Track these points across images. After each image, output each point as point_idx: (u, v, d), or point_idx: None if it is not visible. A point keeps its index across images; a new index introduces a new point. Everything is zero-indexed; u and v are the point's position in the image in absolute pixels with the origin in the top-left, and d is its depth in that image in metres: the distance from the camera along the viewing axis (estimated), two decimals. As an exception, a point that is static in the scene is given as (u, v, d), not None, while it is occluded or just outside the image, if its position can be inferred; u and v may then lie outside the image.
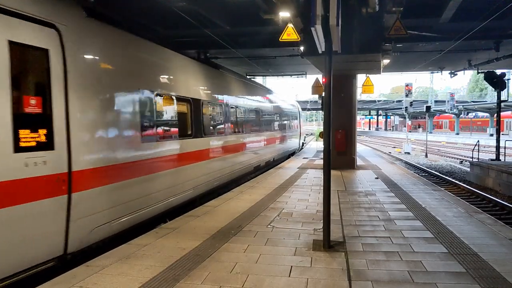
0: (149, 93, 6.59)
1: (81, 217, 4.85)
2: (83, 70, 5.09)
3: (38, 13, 4.40)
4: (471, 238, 5.29)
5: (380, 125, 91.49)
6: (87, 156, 5.02)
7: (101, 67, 5.54)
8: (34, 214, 4.18)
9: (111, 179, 5.48)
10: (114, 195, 5.54)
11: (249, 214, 6.75)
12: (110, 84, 5.64)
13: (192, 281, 3.93)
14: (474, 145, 19.19)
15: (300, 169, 13.54)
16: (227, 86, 11.72)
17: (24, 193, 4.07)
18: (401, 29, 9.30)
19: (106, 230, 5.41)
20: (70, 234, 4.67)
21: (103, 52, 5.60)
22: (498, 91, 17.29)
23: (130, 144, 6.00)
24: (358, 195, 8.55)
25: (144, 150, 6.35)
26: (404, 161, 23.21)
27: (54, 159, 4.46)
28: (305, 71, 23.99)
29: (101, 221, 5.27)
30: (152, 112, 6.65)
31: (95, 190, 5.12)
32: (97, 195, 5.17)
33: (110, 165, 5.45)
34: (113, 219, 5.55)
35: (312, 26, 4.51)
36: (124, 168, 5.80)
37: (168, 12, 10.98)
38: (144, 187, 6.34)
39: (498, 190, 13.29)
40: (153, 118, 6.67)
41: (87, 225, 4.98)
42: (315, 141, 34.01)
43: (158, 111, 6.92)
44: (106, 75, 5.61)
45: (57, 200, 4.49)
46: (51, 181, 4.39)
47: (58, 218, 4.52)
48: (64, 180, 4.58)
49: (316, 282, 3.89)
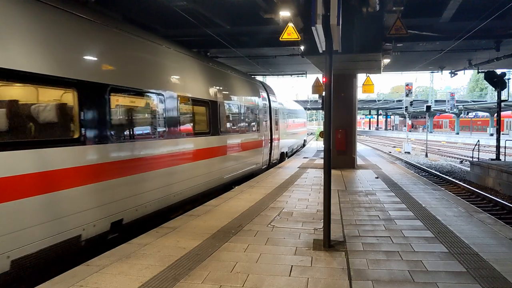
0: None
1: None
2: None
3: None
4: (472, 238, 5.29)
5: (380, 124, 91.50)
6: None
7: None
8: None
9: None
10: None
11: (250, 214, 6.75)
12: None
13: (192, 280, 3.93)
14: (474, 145, 19.20)
15: (300, 168, 13.53)
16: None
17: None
18: (402, 29, 9.29)
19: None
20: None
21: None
22: (498, 90, 17.29)
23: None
24: (358, 195, 8.54)
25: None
26: (404, 160, 23.22)
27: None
28: (306, 71, 23.98)
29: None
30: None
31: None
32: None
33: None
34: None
35: (313, 25, 4.50)
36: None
37: (168, 12, 10.98)
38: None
39: (498, 189, 13.30)
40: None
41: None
42: (315, 140, 34.01)
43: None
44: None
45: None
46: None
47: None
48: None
49: (317, 282, 3.89)
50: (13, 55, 4.16)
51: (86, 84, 5.15)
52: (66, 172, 4.78)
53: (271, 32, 12.71)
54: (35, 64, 4.41)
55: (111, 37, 6.04)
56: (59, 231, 4.68)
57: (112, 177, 5.64)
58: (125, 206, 5.96)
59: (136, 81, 6.44)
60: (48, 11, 4.79)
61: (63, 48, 4.91)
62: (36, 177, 4.36)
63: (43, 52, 4.55)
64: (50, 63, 4.62)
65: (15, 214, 4.09)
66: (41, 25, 4.62)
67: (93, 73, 5.38)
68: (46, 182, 4.49)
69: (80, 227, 5.02)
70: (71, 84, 4.92)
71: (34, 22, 4.53)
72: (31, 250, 4.31)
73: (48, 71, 4.58)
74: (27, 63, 4.31)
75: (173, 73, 7.95)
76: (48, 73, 4.58)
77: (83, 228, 5.07)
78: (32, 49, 4.41)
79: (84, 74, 5.17)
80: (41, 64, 4.49)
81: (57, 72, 4.70)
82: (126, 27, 6.60)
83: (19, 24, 4.32)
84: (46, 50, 4.61)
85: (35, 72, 4.40)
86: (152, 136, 6.83)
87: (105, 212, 5.52)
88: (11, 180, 4.05)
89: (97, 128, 5.39)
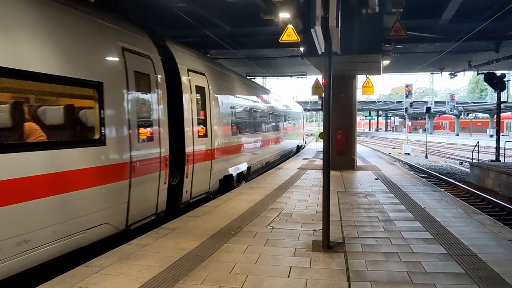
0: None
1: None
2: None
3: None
4: (471, 239, 5.30)
5: (380, 126, 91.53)
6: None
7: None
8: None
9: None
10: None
11: (249, 215, 6.76)
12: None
13: (191, 281, 3.94)
14: (474, 146, 19.22)
15: (300, 169, 13.55)
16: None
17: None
18: (401, 30, 9.32)
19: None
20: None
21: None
22: (498, 92, 17.30)
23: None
24: (357, 196, 8.55)
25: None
26: (404, 162, 23.22)
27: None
28: (305, 72, 24.03)
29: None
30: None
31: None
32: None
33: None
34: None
35: (312, 27, 4.51)
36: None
37: (168, 13, 11.01)
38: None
39: (498, 191, 13.31)
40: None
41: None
42: (315, 141, 34.04)
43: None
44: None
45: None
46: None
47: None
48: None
49: (315, 283, 3.89)
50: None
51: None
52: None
53: (271, 34, 12.74)
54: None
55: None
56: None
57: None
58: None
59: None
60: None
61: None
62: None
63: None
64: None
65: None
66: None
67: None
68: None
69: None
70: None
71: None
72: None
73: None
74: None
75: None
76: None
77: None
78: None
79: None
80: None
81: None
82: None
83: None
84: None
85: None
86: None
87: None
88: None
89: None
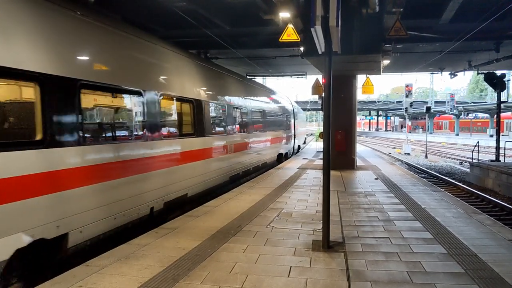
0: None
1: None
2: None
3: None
4: (470, 239, 5.30)
5: (381, 125, 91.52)
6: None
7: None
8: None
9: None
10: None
11: (249, 214, 6.76)
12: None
13: (191, 281, 3.94)
14: (474, 146, 19.21)
15: (300, 169, 13.54)
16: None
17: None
18: (401, 30, 9.31)
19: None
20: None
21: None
22: (498, 92, 17.29)
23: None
24: (357, 196, 8.55)
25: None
26: (404, 161, 23.22)
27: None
28: (305, 72, 24.02)
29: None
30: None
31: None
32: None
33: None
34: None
35: (312, 27, 4.51)
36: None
37: (168, 12, 10.99)
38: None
39: (498, 191, 13.31)
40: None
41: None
42: (315, 141, 34.04)
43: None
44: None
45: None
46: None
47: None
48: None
49: (315, 282, 3.89)
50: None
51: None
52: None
53: (271, 33, 12.72)
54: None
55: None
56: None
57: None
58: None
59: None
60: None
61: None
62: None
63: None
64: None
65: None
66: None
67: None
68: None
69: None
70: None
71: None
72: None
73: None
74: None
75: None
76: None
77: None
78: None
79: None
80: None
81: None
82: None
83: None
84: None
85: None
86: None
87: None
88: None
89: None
